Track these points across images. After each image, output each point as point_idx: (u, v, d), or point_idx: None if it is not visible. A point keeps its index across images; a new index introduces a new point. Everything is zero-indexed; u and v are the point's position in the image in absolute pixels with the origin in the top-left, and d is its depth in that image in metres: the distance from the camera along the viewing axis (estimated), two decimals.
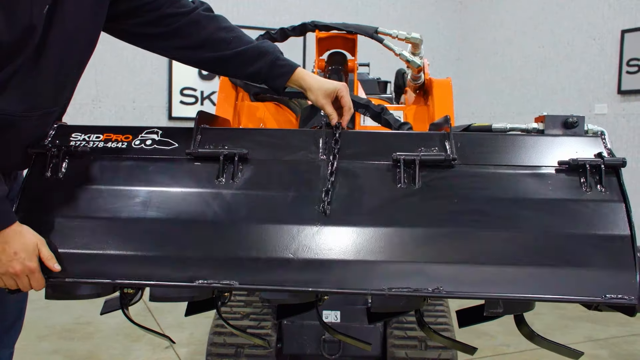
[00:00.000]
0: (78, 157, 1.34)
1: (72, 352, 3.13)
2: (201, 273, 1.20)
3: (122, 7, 1.41)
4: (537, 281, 1.16)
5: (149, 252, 1.24)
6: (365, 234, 1.22)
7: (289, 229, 1.24)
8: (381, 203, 1.27)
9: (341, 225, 1.24)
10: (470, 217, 1.23)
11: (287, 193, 1.29)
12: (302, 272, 1.19)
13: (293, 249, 1.21)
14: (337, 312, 2.18)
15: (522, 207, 1.24)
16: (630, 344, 3.43)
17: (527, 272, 1.17)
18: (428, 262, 1.19)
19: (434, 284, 1.16)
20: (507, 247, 1.19)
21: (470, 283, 1.16)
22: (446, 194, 1.27)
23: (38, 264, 1.19)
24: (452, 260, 1.19)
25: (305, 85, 1.48)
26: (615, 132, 5.07)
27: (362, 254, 1.21)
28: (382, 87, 3.32)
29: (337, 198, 1.27)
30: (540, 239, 1.20)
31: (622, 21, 5.13)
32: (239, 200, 1.29)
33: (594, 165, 1.25)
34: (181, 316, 2.44)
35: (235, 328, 1.58)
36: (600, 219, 1.21)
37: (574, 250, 1.18)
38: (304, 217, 1.25)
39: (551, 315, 3.86)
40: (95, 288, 1.28)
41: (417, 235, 1.23)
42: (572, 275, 1.16)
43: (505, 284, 1.16)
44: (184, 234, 1.25)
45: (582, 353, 1.30)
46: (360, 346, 1.44)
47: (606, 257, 1.17)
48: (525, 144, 1.34)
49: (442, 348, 2.14)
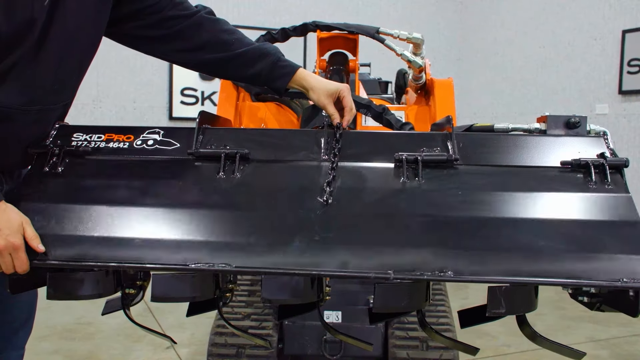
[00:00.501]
0: (79, 157, 1.34)
1: (73, 352, 3.13)
2: (196, 256, 1.16)
3: (124, 10, 1.41)
4: (549, 265, 1.12)
5: (142, 236, 1.20)
6: (368, 220, 1.21)
7: (289, 216, 1.22)
8: (384, 194, 1.26)
9: (343, 211, 1.22)
10: (476, 205, 1.21)
11: (288, 187, 1.28)
12: (302, 255, 1.16)
13: (293, 234, 1.18)
14: (339, 312, 2.18)
15: (529, 199, 1.22)
16: (631, 344, 3.42)
17: (537, 257, 1.13)
18: (434, 246, 1.15)
19: (441, 267, 1.11)
20: (516, 233, 1.17)
21: (479, 267, 1.12)
22: (450, 187, 1.26)
23: (22, 242, 1.15)
24: (459, 245, 1.15)
25: (307, 85, 1.48)
26: (616, 132, 5.07)
27: (364, 238, 1.18)
28: (383, 87, 3.32)
29: (338, 190, 1.26)
30: (550, 225, 1.17)
31: (623, 21, 5.12)
32: (239, 191, 1.28)
33: (597, 165, 1.25)
34: (182, 317, 2.44)
35: (237, 328, 1.58)
36: (610, 209, 1.19)
37: (585, 236, 1.15)
38: (305, 206, 1.23)
39: (552, 315, 3.86)
40: (97, 288, 1.28)
41: (421, 221, 1.20)
42: (585, 260, 1.12)
43: (515, 268, 1.12)
44: (180, 219, 1.23)
45: (585, 353, 1.30)
46: (361, 346, 1.43)
47: (621, 242, 1.13)
48: (528, 144, 1.34)
49: (443, 348, 2.14)
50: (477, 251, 1.14)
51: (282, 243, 1.18)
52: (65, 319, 3.62)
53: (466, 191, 1.24)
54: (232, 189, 1.28)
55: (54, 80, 1.31)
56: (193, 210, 1.24)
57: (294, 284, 1.22)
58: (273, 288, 1.23)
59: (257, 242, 1.19)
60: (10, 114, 1.24)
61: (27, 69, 1.24)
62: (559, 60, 5.67)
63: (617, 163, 1.25)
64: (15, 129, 1.28)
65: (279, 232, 1.20)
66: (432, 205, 1.23)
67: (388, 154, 1.32)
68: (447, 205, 1.23)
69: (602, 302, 1.25)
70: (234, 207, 1.26)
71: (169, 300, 1.37)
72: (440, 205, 1.23)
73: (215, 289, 1.32)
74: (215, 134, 1.39)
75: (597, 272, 1.10)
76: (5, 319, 1.54)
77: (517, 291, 1.20)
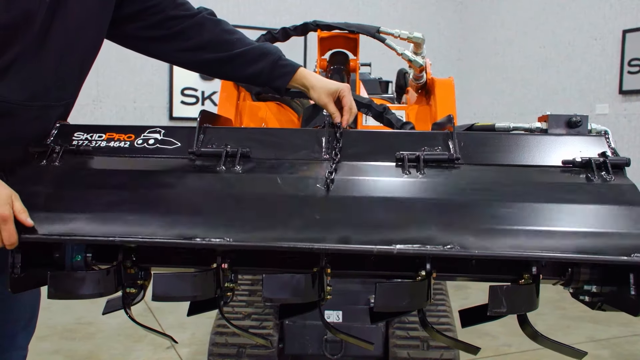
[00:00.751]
0: (79, 154, 1.34)
1: (73, 352, 3.13)
2: (192, 232, 1.14)
3: (126, 10, 1.41)
4: (556, 242, 1.09)
5: (135, 214, 1.18)
6: (371, 202, 1.20)
7: (290, 199, 1.21)
8: (386, 183, 1.26)
9: (345, 195, 1.21)
10: (480, 192, 1.20)
11: (289, 177, 1.28)
12: (302, 231, 1.14)
13: (293, 213, 1.17)
14: (339, 312, 2.18)
15: (533, 188, 1.21)
16: (632, 344, 3.42)
17: (545, 234, 1.10)
18: (438, 224, 1.13)
19: (446, 242, 1.08)
20: (522, 214, 1.15)
21: (485, 242, 1.09)
22: (452, 180, 1.25)
23: (11, 213, 1.12)
24: (464, 224, 1.13)
25: (308, 84, 1.48)
26: (617, 132, 5.07)
27: (367, 217, 1.16)
28: (383, 87, 3.33)
29: (340, 180, 1.25)
30: (558, 208, 1.15)
31: (623, 21, 5.12)
32: (239, 179, 1.28)
33: (599, 164, 1.25)
34: (182, 317, 2.44)
35: (238, 328, 1.58)
36: (616, 195, 1.17)
37: (593, 216, 1.13)
38: (306, 191, 1.22)
39: (552, 315, 3.86)
40: (97, 287, 1.27)
41: (425, 204, 1.19)
42: (594, 237, 1.09)
43: (522, 244, 1.09)
44: (177, 201, 1.22)
45: (586, 353, 1.30)
46: (362, 346, 1.43)
47: (631, 221, 1.11)
48: (529, 143, 1.33)
49: (444, 348, 2.14)
50: (483, 229, 1.12)
51: (282, 221, 1.16)
52: (65, 319, 3.62)
53: (469, 183, 1.24)
54: (233, 177, 1.28)
55: (55, 79, 1.32)
56: (191, 193, 1.24)
57: (294, 283, 1.22)
58: (274, 287, 1.23)
59: (256, 220, 1.17)
60: (11, 109, 1.24)
61: (28, 65, 1.24)
62: (559, 60, 5.67)
63: (619, 162, 1.25)
64: (16, 125, 1.28)
65: (279, 212, 1.19)
66: (434, 192, 1.22)
67: (389, 153, 1.32)
68: (450, 192, 1.22)
69: (604, 302, 1.25)
70: (233, 190, 1.25)
71: (170, 299, 1.36)
72: (443, 192, 1.22)
73: (216, 288, 1.32)
74: (216, 133, 1.39)
75: (607, 248, 1.06)
76: (8, 318, 1.54)
77: (519, 290, 1.20)
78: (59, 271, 1.28)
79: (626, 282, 1.14)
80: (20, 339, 1.57)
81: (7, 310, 1.53)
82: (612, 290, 1.22)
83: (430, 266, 1.18)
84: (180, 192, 1.26)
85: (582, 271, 1.21)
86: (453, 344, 1.52)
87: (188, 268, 1.40)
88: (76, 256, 1.34)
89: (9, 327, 1.54)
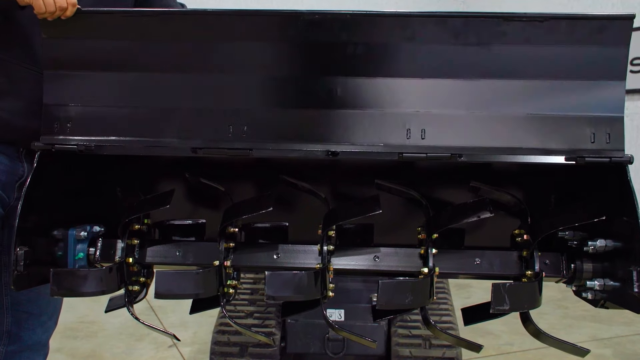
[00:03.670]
0: None
1: (75, 351, 3.13)
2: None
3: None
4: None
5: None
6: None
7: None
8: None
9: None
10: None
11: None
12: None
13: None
14: (341, 310, 2.18)
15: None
16: (634, 343, 3.41)
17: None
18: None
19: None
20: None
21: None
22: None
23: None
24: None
25: None
26: None
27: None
28: None
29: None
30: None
31: None
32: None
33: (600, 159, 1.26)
34: (185, 315, 2.44)
35: (240, 326, 1.58)
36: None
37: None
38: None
39: (554, 314, 3.85)
40: (100, 285, 1.28)
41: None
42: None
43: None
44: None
45: (589, 351, 1.30)
46: (365, 343, 1.43)
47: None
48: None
49: (446, 346, 2.14)
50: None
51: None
52: (68, 317, 3.62)
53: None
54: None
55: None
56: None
57: (297, 280, 1.23)
58: (277, 285, 1.23)
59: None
60: (22, 72, 1.39)
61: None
62: None
63: (621, 160, 1.26)
64: (25, 89, 1.40)
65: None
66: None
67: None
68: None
69: (606, 299, 1.25)
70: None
71: (173, 297, 1.37)
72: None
73: (218, 285, 1.32)
74: None
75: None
76: (32, 311, 1.58)
77: (521, 288, 1.20)
78: (62, 269, 1.28)
79: (629, 279, 1.14)
80: (42, 333, 1.61)
81: (31, 302, 1.58)
82: (615, 287, 1.22)
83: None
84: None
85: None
86: (456, 341, 1.52)
87: (189, 266, 1.41)
88: (79, 253, 1.35)
89: (32, 320, 1.59)
